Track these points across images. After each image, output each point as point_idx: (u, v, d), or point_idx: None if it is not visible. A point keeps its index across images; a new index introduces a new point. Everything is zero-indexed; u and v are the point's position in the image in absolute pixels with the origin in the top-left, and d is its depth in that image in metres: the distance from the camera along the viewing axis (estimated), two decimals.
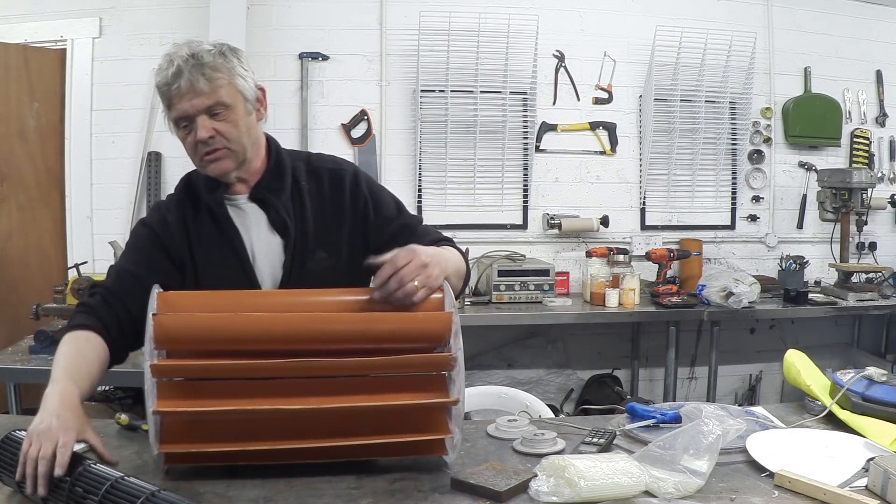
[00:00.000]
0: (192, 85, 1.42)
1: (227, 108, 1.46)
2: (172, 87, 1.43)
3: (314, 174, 1.60)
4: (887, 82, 4.27)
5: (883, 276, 3.94)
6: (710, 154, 4.15)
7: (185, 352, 1.27)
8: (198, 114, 1.44)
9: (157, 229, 1.54)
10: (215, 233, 1.54)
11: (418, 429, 1.26)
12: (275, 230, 1.55)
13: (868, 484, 1.23)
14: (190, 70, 1.42)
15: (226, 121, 1.46)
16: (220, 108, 1.45)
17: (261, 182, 1.56)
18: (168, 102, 1.46)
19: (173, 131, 1.51)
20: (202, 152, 1.47)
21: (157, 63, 1.48)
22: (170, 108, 1.47)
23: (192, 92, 1.42)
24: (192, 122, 1.45)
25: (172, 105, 1.45)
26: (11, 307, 3.53)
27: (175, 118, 1.47)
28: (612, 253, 3.69)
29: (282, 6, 3.78)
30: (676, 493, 1.19)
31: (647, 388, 4.17)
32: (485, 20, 3.78)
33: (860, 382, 1.58)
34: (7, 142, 3.62)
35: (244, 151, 1.51)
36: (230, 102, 1.46)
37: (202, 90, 1.43)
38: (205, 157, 1.48)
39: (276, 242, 1.54)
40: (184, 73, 1.42)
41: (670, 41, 3.94)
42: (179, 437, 1.23)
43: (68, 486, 1.10)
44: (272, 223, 1.55)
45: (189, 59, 1.43)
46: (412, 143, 3.89)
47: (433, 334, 1.30)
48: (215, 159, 1.48)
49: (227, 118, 1.46)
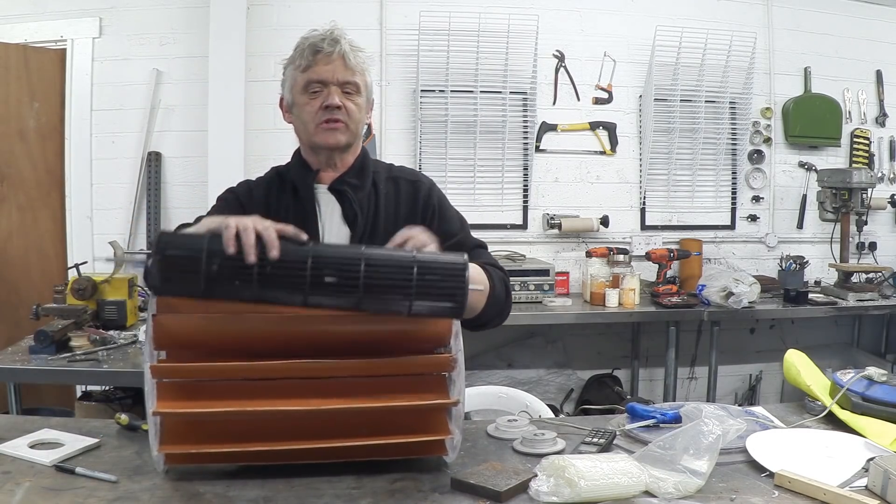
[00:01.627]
0: (344, 57, 1.56)
1: (358, 91, 1.60)
2: (325, 51, 1.55)
3: (393, 181, 1.71)
4: (887, 82, 4.27)
5: (883, 276, 3.94)
6: (710, 154, 4.15)
7: (186, 353, 1.27)
8: (335, 83, 1.57)
9: (241, 198, 1.66)
10: (294, 212, 1.62)
11: (418, 430, 1.26)
12: (346, 222, 1.64)
13: (868, 484, 1.23)
14: (345, 44, 1.57)
15: (353, 101, 1.59)
16: (353, 88, 1.59)
17: (344, 175, 1.65)
18: (309, 63, 1.57)
19: (291, 95, 1.62)
20: (323, 118, 1.58)
21: (307, 32, 1.62)
22: (306, 70, 1.58)
23: (341, 61, 1.56)
24: (326, 87, 1.57)
25: (312, 67, 1.57)
26: (11, 307, 3.53)
27: (310, 80, 1.57)
28: (612, 253, 3.69)
29: (282, 6, 3.78)
30: (676, 493, 1.19)
31: (647, 388, 4.17)
32: (485, 20, 3.78)
33: (860, 382, 1.58)
34: (7, 142, 3.62)
35: (355, 135, 1.63)
36: (362, 88, 1.61)
37: (351, 66, 1.57)
38: (324, 123, 1.58)
39: (345, 234, 1.63)
40: (341, 44, 1.56)
41: (670, 41, 3.94)
42: (179, 438, 1.23)
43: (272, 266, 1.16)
44: (345, 215, 1.64)
45: (345, 36, 1.58)
46: (412, 143, 3.89)
47: (434, 335, 1.29)
48: (334, 128, 1.58)
49: (354, 100, 1.59)
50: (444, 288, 1.20)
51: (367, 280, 1.18)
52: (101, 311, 2.82)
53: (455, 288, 1.20)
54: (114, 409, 2.73)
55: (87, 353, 2.52)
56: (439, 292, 1.20)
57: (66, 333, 2.57)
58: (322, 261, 1.19)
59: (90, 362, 2.45)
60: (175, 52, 3.72)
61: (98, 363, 2.45)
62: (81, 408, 2.89)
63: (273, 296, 1.19)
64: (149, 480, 1.24)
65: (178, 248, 1.19)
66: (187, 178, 3.73)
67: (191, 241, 1.20)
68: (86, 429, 1.48)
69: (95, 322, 2.78)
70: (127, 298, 2.85)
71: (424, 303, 1.20)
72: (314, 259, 1.18)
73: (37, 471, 1.28)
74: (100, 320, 2.81)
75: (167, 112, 3.74)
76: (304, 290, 1.18)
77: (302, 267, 1.17)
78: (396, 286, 1.19)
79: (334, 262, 1.19)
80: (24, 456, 1.33)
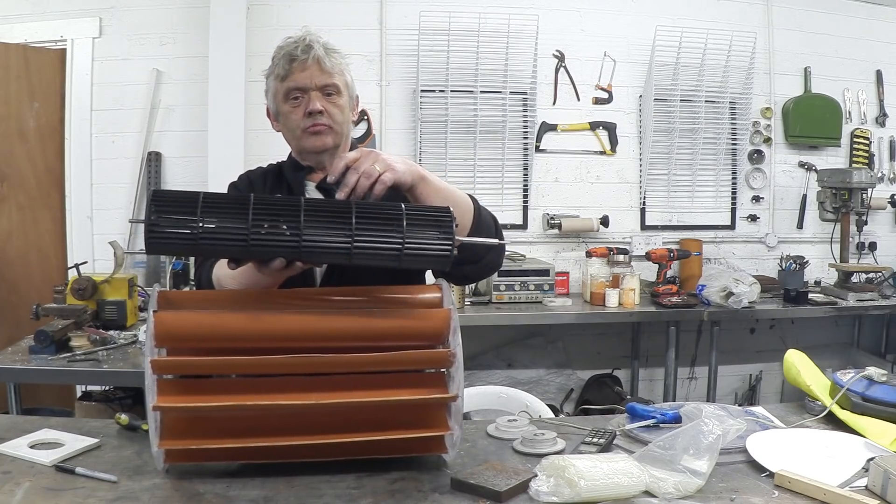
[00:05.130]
0: (319, 61, 1.58)
1: (339, 92, 1.62)
2: (300, 58, 1.57)
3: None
4: (887, 82, 4.27)
5: (883, 276, 3.94)
6: (710, 154, 4.15)
7: (186, 349, 1.28)
8: (315, 88, 1.58)
9: (242, 191, 1.71)
10: None
11: (418, 425, 1.26)
12: None
13: (868, 484, 1.23)
14: (319, 48, 1.58)
15: (334, 104, 1.61)
16: (334, 90, 1.61)
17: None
18: (286, 72, 1.59)
19: (275, 105, 1.64)
20: (308, 124, 1.59)
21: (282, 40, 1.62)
22: (285, 79, 1.59)
23: (317, 66, 1.58)
24: (306, 94, 1.59)
25: (290, 75, 1.58)
26: (11, 307, 3.53)
27: (289, 88, 1.59)
28: (612, 253, 3.69)
29: (282, 6, 3.78)
30: (676, 493, 1.19)
31: (647, 388, 4.17)
32: (485, 20, 3.78)
33: (860, 382, 1.58)
34: (7, 142, 3.62)
35: (342, 136, 1.64)
36: (342, 88, 1.62)
37: (327, 69, 1.59)
38: (309, 129, 1.60)
39: None
40: (314, 49, 1.57)
41: (670, 41, 3.94)
42: (179, 433, 1.23)
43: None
44: None
45: (318, 40, 1.59)
46: (412, 144, 3.89)
47: (432, 331, 1.30)
48: (319, 132, 1.60)
49: (336, 102, 1.61)
50: (432, 218, 1.23)
51: (358, 219, 1.20)
52: (101, 311, 2.82)
53: (442, 220, 1.22)
54: (114, 409, 2.74)
55: (87, 353, 2.52)
56: (428, 222, 1.22)
57: (66, 333, 2.57)
58: (314, 206, 1.21)
59: (90, 362, 2.45)
60: (175, 52, 3.72)
61: (98, 363, 2.45)
62: (81, 408, 2.89)
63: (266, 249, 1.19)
64: (149, 480, 1.24)
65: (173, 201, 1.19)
66: (187, 178, 3.73)
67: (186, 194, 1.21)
68: (86, 429, 1.48)
69: (95, 322, 2.78)
70: (127, 298, 2.85)
71: (416, 238, 1.21)
72: (306, 209, 1.20)
73: (37, 471, 1.28)
74: (100, 320, 2.81)
75: (167, 112, 3.74)
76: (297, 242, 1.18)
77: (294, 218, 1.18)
78: (388, 221, 1.20)
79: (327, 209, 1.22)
80: (24, 456, 1.33)
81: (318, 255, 1.21)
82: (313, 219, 1.19)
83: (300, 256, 1.21)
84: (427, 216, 1.23)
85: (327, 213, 1.21)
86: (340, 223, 1.19)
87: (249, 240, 1.17)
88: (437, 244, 1.21)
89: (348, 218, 1.19)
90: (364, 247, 1.20)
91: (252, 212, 1.17)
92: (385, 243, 1.20)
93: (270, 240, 1.18)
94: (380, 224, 1.20)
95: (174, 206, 1.17)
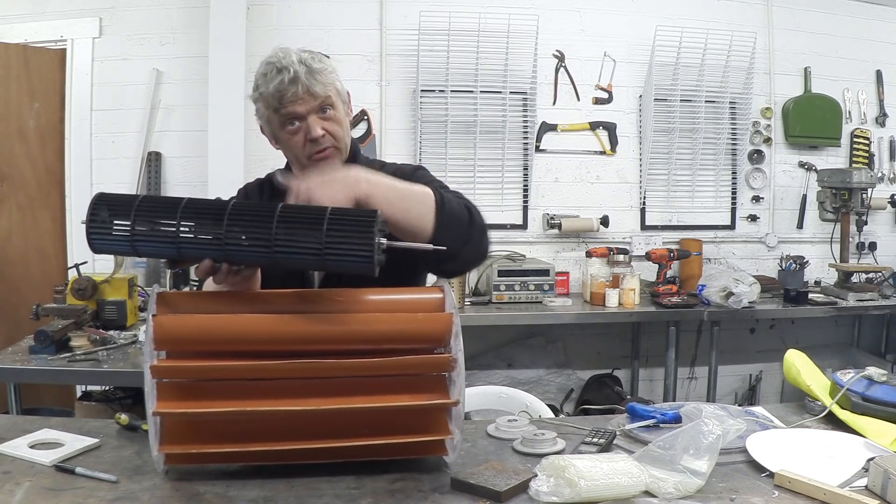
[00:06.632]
0: (308, 89, 1.52)
1: (333, 105, 1.56)
2: (289, 93, 1.51)
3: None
4: (887, 82, 4.27)
5: (883, 276, 3.94)
6: (710, 154, 4.15)
7: (186, 352, 1.27)
8: (310, 112, 1.54)
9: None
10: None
11: (418, 430, 1.26)
12: None
13: (868, 484, 1.23)
14: (305, 76, 1.51)
15: (332, 120, 1.56)
16: (328, 103, 1.55)
17: None
18: (277, 105, 1.53)
19: (272, 133, 1.60)
20: (312, 151, 1.55)
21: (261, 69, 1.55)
22: (278, 111, 1.54)
23: (308, 94, 1.52)
24: (303, 120, 1.54)
25: (283, 107, 1.53)
26: (11, 307, 3.53)
27: (283, 117, 1.54)
28: (612, 253, 3.69)
29: (282, 6, 3.78)
30: (676, 493, 1.19)
31: (647, 388, 4.17)
32: (485, 20, 3.78)
33: (860, 382, 1.58)
34: (7, 142, 3.62)
35: (346, 149, 1.60)
36: (335, 99, 1.57)
37: (318, 91, 1.53)
38: (315, 156, 1.56)
39: None
40: (300, 79, 1.51)
41: (670, 41, 3.94)
42: (179, 438, 1.22)
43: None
44: None
45: (301, 66, 1.52)
46: (412, 143, 3.89)
47: (433, 335, 1.29)
48: (325, 157, 1.56)
49: (333, 117, 1.56)
50: (353, 222, 1.21)
51: (280, 221, 1.20)
52: (101, 311, 2.82)
53: (364, 223, 1.20)
54: (114, 409, 2.73)
55: (87, 353, 2.52)
56: (350, 226, 1.20)
57: (66, 333, 2.57)
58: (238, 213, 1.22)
59: (90, 362, 2.45)
60: (175, 52, 3.73)
61: (98, 363, 2.45)
62: (81, 408, 2.89)
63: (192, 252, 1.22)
64: (149, 480, 1.24)
65: (112, 203, 1.28)
66: (187, 178, 3.74)
67: (125, 197, 1.28)
68: (86, 429, 1.48)
69: (95, 322, 2.78)
70: (127, 298, 2.85)
71: (338, 241, 1.19)
72: (231, 211, 1.21)
73: (37, 471, 1.28)
74: (100, 320, 2.81)
75: (167, 112, 3.75)
76: (220, 242, 1.20)
77: (219, 219, 1.21)
78: (310, 224, 1.20)
79: (252, 212, 1.23)
80: (24, 456, 1.33)
81: (240, 255, 1.22)
82: (238, 221, 1.20)
83: (225, 257, 1.22)
84: (349, 220, 1.21)
85: (252, 215, 1.22)
86: (264, 225, 1.20)
87: (178, 240, 1.21)
88: (357, 248, 1.20)
89: (271, 220, 1.20)
90: (284, 248, 1.20)
91: (180, 214, 1.21)
92: (305, 245, 1.20)
93: (196, 241, 1.21)
94: (301, 226, 1.20)
95: (113, 209, 1.26)
